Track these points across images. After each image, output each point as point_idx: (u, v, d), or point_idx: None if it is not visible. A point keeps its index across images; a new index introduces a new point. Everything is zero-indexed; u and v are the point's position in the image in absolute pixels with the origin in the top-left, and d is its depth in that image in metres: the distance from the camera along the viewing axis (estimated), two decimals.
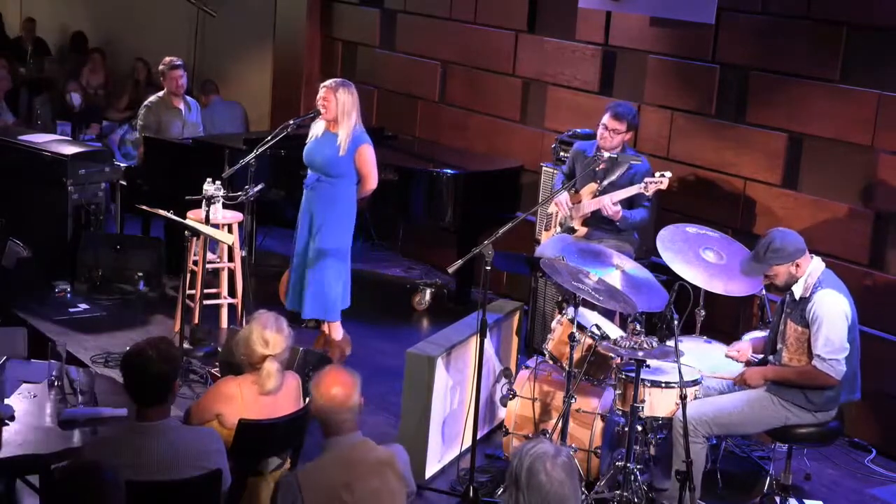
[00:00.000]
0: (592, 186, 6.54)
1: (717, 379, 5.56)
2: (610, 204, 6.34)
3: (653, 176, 6.27)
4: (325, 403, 3.89)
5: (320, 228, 6.72)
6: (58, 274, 7.86)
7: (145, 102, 8.63)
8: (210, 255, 7.38)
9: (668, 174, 6.27)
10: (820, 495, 5.85)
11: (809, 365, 5.16)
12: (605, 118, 6.49)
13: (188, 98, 8.75)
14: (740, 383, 5.39)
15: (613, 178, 6.48)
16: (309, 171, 6.81)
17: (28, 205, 8.06)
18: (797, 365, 5.23)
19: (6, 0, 14.24)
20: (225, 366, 5.60)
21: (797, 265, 5.21)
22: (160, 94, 8.65)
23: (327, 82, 6.71)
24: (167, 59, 8.67)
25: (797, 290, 5.25)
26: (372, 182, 6.78)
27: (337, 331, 6.99)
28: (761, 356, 5.53)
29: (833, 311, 5.12)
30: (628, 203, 6.43)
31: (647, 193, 6.31)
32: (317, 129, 6.78)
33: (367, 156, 6.71)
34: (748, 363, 5.55)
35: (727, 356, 5.65)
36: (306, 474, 3.83)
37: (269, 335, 4.58)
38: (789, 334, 5.27)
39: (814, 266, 5.25)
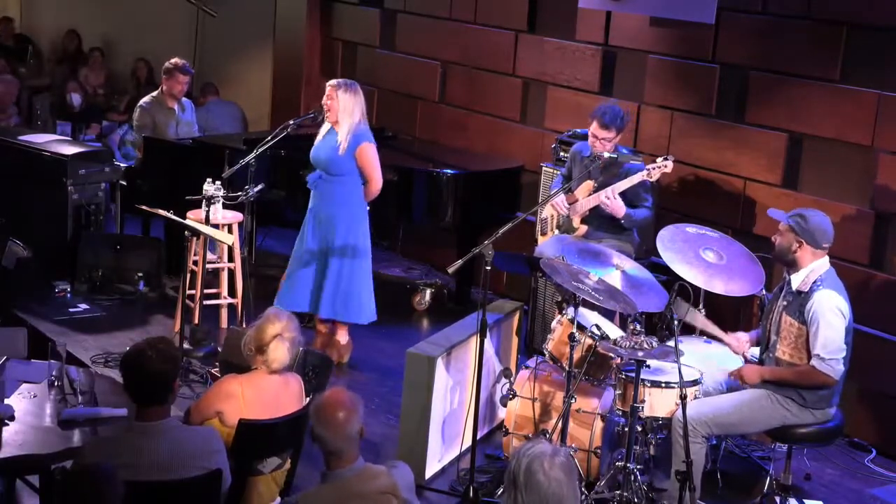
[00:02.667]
0: (588, 185, 6.54)
1: (715, 378, 5.55)
2: (611, 195, 6.30)
3: (653, 162, 6.27)
4: (327, 428, 3.71)
5: (330, 228, 6.71)
6: (58, 274, 7.86)
7: (140, 103, 8.56)
8: (210, 255, 7.37)
9: (671, 158, 6.26)
10: (820, 495, 5.85)
11: (808, 365, 5.17)
12: (593, 126, 6.42)
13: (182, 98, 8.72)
14: (736, 377, 5.39)
15: (609, 176, 6.48)
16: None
17: (28, 205, 8.07)
18: (797, 364, 5.23)
19: (7, 1, 14.25)
20: (225, 366, 5.60)
21: (800, 244, 5.22)
22: (154, 94, 8.59)
23: (332, 81, 6.70)
24: (178, 61, 8.54)
25: (795, 281, 5.27)
26: (376, 183, 6.72)
27: (343, 334, 6.98)
28: (757, 351, 5.55)
29: (831, 311, 5.13)
30: (629, 202, 6.42)
31: (651, 179, 6.28)
32: (324, 128, 6.78)
33: (368, 154, 6.66)
34: (747, 361, 5.56)
35: (726, 342, 5.67)
36: (307, 500, 3.78)
37: (279, 321, 4.66)
38: (784, 327, 5.28)
39: (819, 264, 5.26)
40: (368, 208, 6.88)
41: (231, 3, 11.00)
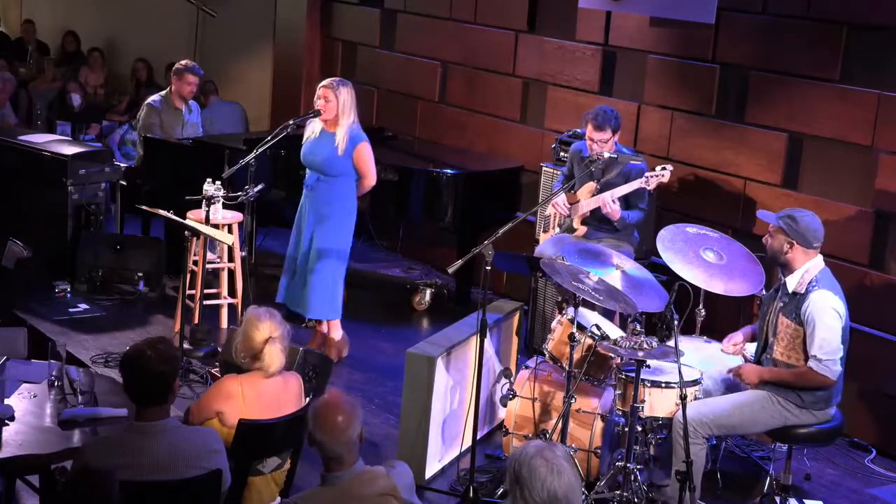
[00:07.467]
0: (591, 186, 6.55)
1: (715, 377, 5.55)
2: (610, 201, 6.33)
3: (652, 171, 6.28)
4: (327, 434, 3.67)
5: (322, 227, 6.72)
6: (58, 274, 7.85)
7: (147, 101, 8.53)
8: (210, 255, 7.37)
9: (670, 167, 6.27)
10: (820, 495, 5.85)
11: (806, 367, 5.17)
12: (589, 130, 6.42)
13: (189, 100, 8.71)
14: (735, 375, 5.39)
15: (610, 175, 6.49)
16: (308, 171, 6.81)
17: (28, 205, 8.07)
18: (794, 366, 5.23)
19: (7, 1, 14.24)
20: (225, 366, 5.60)
21: (791, 245, 5.22)
22: (162, 93, 8.58)
23: (325, 81, 6.71)
24: (188, 62, 8.53)
25: (790, 283, 5.26)
26: (371, 179, 6.79)
27: (337, 330, 7.00)
28: (754, 348, 5.55)
29: (827, 312, 5.13)
30: (625, 202, 6.43)
31: (648, 188, 6.30)
32: (313, 128, 6.77)
33: (365, 154, 6.71)
34: (746, 360, 5.56)
35: (723, 351, 5.67)
36: (305, 501, 3.77)
37: (262, 323, 4.63)
38: (781, 329, 5.28)
39: (813, 263, 5.26)
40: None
41: (231, 4, 11.00)
